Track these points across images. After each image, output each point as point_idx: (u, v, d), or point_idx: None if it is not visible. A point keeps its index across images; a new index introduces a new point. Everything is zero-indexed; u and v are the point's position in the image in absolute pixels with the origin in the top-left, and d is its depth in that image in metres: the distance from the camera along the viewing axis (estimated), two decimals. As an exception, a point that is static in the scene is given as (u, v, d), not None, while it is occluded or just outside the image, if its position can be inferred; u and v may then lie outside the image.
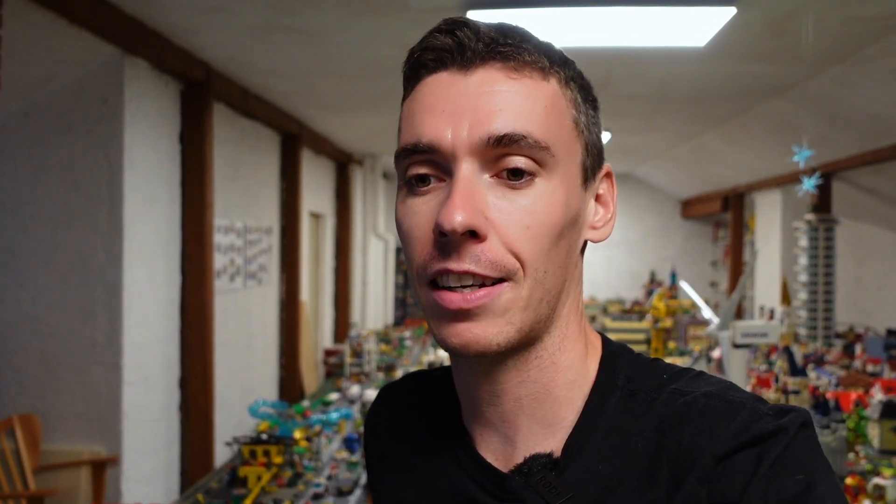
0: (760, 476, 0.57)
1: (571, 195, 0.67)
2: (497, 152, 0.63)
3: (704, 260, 12.08)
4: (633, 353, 0.73)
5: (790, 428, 0.59)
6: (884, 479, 2.89)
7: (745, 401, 0.63)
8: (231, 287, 5.28)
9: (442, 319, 0.64)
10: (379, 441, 0.85)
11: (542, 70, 0.66)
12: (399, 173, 0.68)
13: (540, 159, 0.64)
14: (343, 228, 8.68)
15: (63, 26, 3.28)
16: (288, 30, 3.84)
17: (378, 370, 5.43)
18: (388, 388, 0.89)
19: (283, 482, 2.93)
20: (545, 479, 0.66)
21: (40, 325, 3.85)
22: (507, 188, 0.64)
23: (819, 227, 6.51)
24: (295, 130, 6.43)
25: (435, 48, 0.66)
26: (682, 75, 4.81)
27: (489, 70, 0.65)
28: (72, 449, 3.80)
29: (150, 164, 4.09)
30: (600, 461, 0.65)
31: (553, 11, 3.41)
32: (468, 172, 0.63)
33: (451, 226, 0.60)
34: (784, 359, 4.55)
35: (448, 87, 0.65)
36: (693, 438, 0.61)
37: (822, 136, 5.39)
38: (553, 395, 0.69)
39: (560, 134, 0.66)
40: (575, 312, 0.71)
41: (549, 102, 0.66)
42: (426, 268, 0.64)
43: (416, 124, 0.65)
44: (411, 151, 0.65)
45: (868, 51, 4.08)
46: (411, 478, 0.78)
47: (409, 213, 0.66)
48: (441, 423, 0.77)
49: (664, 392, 0.66)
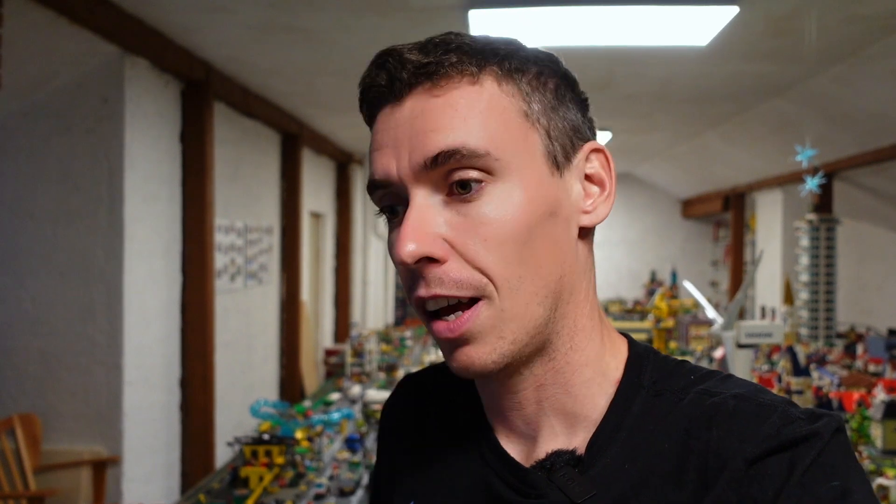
0: (794, 482, 0.56)
1: (538, 189, 0.65)
2: (440, 172, 0.63)
3: (705, 259, 12.07)
4: (660, 354, 0.72)
5: (824, 433, 0.58)
6: (887, 480, 2.89)
7: (777, 404, 0.62)
8: (231, 287, 5.27)
9: (442, 346, 0.67)
10: (397, 431, 0.85)
11: (470, 75, 0.65)
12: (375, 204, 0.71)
13: (484, 166, 0.63)
14: (343, 228, 8.68)
15: (63, 25, 3.27)
16: (288, 29, 3.83)
17: (379, 370, 5.42)
18: (409, 377, 0.89)
19: (284, 482, 2.92)
20: (568, 476, 0.65)
21: (40, 324, 3.84)
22: (461, 203, 0.63)
23: (820, 226, 6.50)
24: (295, 130, 6.43)
25: (372, 85, 0.68)
26: (683, 75, 4.80)
27: (418, 94, 0.65)
28: (72, 449, 3.80)
29: (151, 163, 4.08)
30: (626, 460, 0.64)
31: (553, 11, 3.40)
32: (420, 199, 0.64)
33: (401, 258, 0.62)
34: (787, 359, 4.54)
35: (388, 121, 0.67)
36: (722, 440, 0.60)
37: (823, 135, 5.38)
38: (573, 395, 0.68)
39: (504, 133, 0.64)
40: (584, 307, 0.69)
41: (484, 106, 0.64)
42: (409, 297, 0.66)
43: (373, 161, 0.68)
44: (375, 187, 0.67)
45: (869, 50, 4.07)
46: (431, 470, 0.77)
47: (391, 245, 0.67)
48: (464, 415, 0.77)
49: (692, 393, 0.65)
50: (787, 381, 4.27)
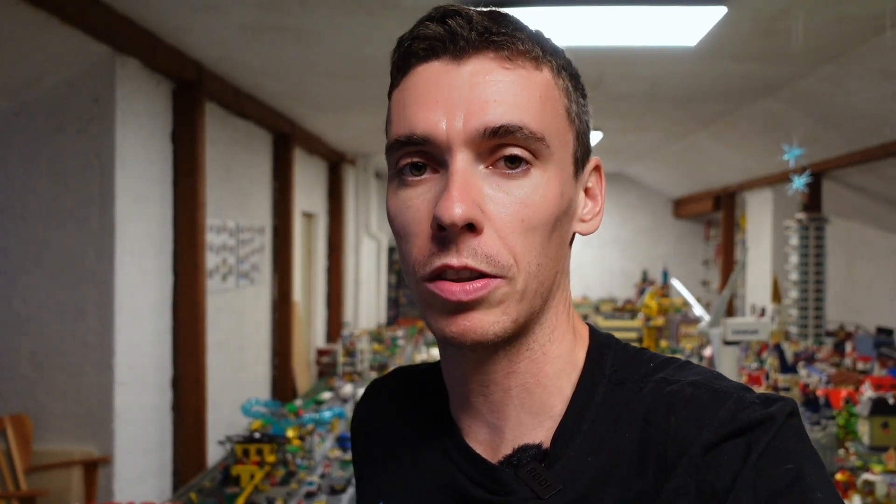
0: (749, 466, 0.57)
1: (565, 186, 0.66)
2: (492, 143, 0.62)
3: (696, 259, 12.11)
4: (620, 342, 0.73)
5: (778, 417, 0.59)
6: (873, 475, 2.92)
7: (732, 389, 0.62)
8: (223, 287, 5.27)
9: (441, 310, 0.63)
10: (366, 435, 0.85)
11: (535, 59, 0.65)
12: (390, 165, 0.67)
13: (535, 150, 0.63)
14: (335, 228, 8.68)
15: (54, 25, 3.27)
16: (280, 29, 3.84)
17: (371, 369, 5.43)
18: (374, 383, 0.89)
19: (275, 481, 2.93)
20: (535, 471, 0.66)
21: (31, 324, 3.83)
22: (503, 178, 0.63)
23: (809, 225, 6.54)
24: (287, 130, 6.43)
25: (426, 37, 0.65)
26: (673, 75, 4.82)
27: (482, 60, 0.64)
28: (63, 449, 3.79)
29: (142, 163, 4.08)
30: (589, 452, 0.65)
31: (544, 10, 3.41)
32: (463, 164, 0.62)
33: (451, 219, 0.59)
34: (775, 356, 4.57)
35: (441, 76, 0.64)
36: (680, 428, 0.61)
37: (812, 135, 5.41)
38: (542, 385, 0.68)
39: (554, 124, 0.65)
40: (564, 303, 0.71)
41: (542, 92, 0.65)
42: (425, 264, 0.63)
43: (409, 115, 0.64)
44: (404, 143, 0.64)
45: (858, 50, 4.10)
46: (399, 470, 0.77)
47: (402, 207, 0.65)
48: (428, 415, 0.77)
49: (651, 381, 0.66)
50: (775, 379, 4.31)
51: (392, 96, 0.69)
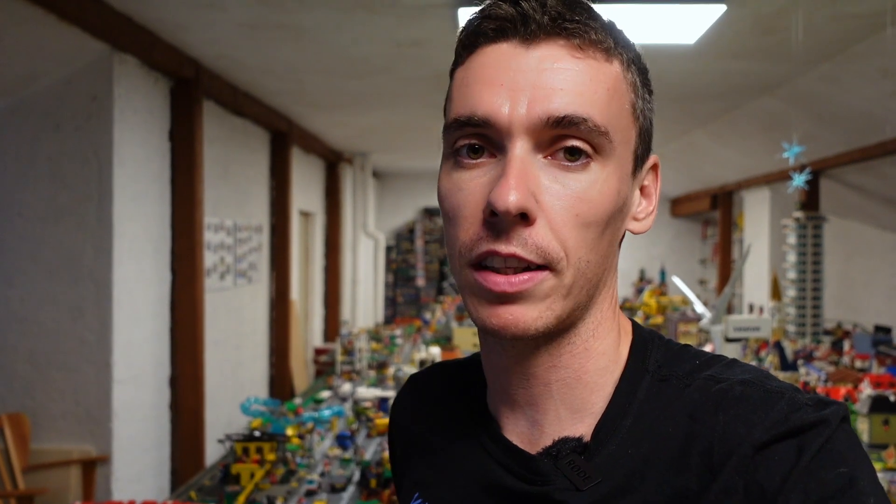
0: (801, 468, 0.56)
1: (623, 183, 0.65)
2: (554, 133, 0.61)
3: (693, 258, 12.13)
4: (664, 338, 0.72)
5: (832, 420, 0.58)
6: (873, 473, 2.91)
7: (784, 390, 0.61)
8: (221, 285, 5.26)
9: (483, 300, 0.63)
10: (404, 428, 0.85)
11: (606, 51, 0.64)
12: (446, 145, 0.66)
13: (597, 144, 0.62)
14: (333, 227, 8.68)
15: (52, 22, 3.26)
16: (278, 27, 3.83)
17: (369, 368, 5.42)
18: (414, 376, 0.89)
19: (275, 479, 2.93)
20: (574, 463, 0.65)
21: (29, 323, 3.82)
22: (560, 169, 0.62)
23: (807, 224, 6.55)
24: (284, 128, 6.42)
25: (497, 17, 0.63)
26: (671, 73, 4.82)
27: (552, 46, 0.62)
28: (61, 448, 3.78)
29: (140, 161, 4.07)
30: (630, 446, 0.64)
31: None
32: (522, 151, 0.61)
33: (505, 206, 0.58)
34: (775, 353, 4.58)
35: (508, 59, 0.62)
36: (729, 426, 0.60)
37: (810, 133, 5.42)
38: (584, 381, 0.68)
39: (619, 119, 0.64)
40: (609, 300, 0.70)
41: (611, 85, 0.64)
42: (472, 248, 0.62)
43: (471, 96, 0.63)
44: (464, 124, 0.63)
45: (856, 48, 4.10)
46: (435, 461, 0.77)
47: (455, 188, 0.64)
48: (466, 408, 0.77)
49: (698, 378, 0.65)
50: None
51: (455, 74, 0.67)
